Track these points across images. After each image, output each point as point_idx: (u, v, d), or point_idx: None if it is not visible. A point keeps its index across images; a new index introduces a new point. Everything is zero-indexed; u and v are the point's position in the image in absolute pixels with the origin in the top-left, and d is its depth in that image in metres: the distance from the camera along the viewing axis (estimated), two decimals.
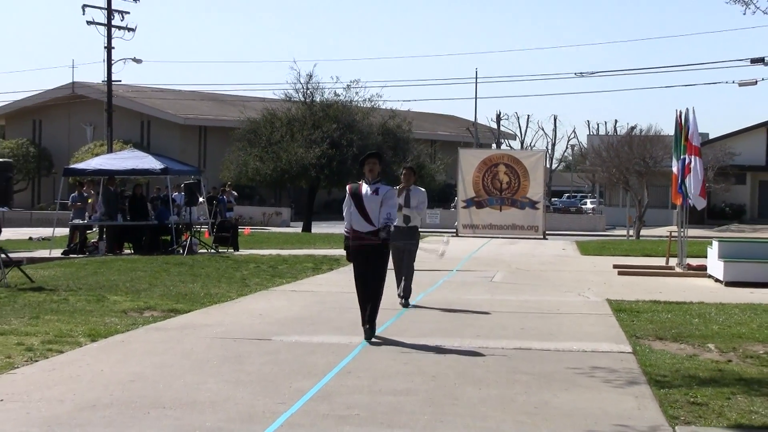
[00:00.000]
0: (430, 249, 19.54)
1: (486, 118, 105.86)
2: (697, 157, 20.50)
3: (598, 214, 57.39)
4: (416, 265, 14.46)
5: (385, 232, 11.07)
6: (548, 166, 72.18)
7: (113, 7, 47.13)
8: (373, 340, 10.88)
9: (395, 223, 13.51)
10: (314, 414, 7.45)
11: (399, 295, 13.93)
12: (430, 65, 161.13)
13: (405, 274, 13.92)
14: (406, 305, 13.85)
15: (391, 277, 12.98)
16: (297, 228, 46.95)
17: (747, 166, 56.63)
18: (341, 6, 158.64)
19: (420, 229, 14.36)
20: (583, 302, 15.19)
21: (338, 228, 22.36)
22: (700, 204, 20.91)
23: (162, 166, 26.57)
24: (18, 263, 18.27)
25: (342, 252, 14.42)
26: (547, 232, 37.76)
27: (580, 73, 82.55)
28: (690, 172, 20.49)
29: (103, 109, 50.19)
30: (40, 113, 67.62)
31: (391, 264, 12.27)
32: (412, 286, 14.11)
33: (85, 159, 44.34)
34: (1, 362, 9.35)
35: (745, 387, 8.58)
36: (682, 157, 20.99)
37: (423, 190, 14.32)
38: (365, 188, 11.17)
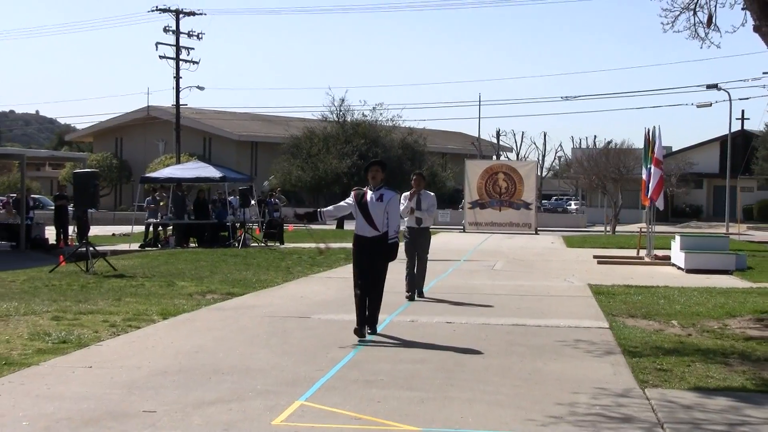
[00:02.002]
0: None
1: (488, 134, 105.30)
2: (656, 168, 20.37)
3: (580, 214, 56.91)
4: (430, 255, 14.16)
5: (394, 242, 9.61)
6: (539, 174, 71.58)
7: (181, 43, 47.32)
8: (380, 331, 9.74)
9: (407, 225, 13.19)
10: (346, 379, 7.45)
11: (407, 290, 12.86)
12: (441, 90, 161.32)
13: (419, 270, 13.04)
14: (420, 295, 12.97)
15: (394, 269, 12.85)
16: (332, 225, 46.91)
17: (703, 174, 56.52)
18: (369, 42, 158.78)
19: (431, 228, 13.62)
20: (568, 286, 15.12)
21: None
22: (659, 205, 20.76)
23: (221, 175, 26.77)
24: (103, 255, 18.40)
25: None
26: (538, 229, 37.65)
27: (566, 96, 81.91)
28: (650, 179, 20.47)
29: (172, 128, 50.26)
30: (121, 132, 67.83)
31: (402, 255, 11.09)
32: (425, 276, 13.31)
33: (157, 169, 44.38)
34: (91, 336, 9.41)
35: (702, 356, 8.53)
36: (649, 166, 20.90)
37: (432, 194, 13.40)
38: (370, 195, 9.57)
